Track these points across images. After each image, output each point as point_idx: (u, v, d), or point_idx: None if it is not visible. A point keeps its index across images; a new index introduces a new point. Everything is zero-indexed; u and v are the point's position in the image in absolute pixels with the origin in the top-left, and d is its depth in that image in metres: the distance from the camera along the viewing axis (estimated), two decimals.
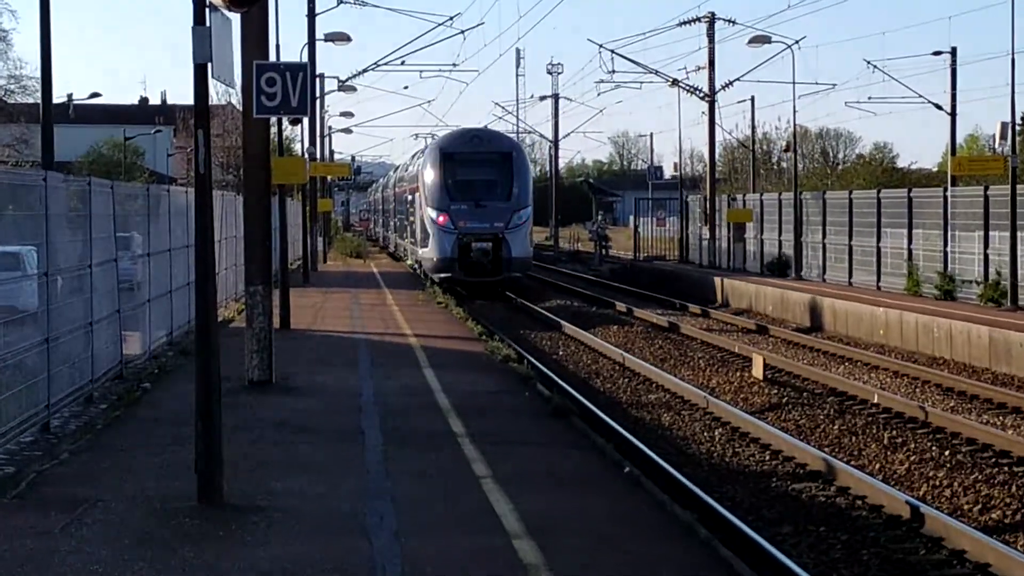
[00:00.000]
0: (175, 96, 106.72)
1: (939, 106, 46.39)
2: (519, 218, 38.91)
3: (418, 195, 42.11)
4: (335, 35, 44.61)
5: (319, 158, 55.02)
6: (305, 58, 42.42)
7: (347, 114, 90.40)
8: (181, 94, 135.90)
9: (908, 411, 18.34)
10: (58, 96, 43.66)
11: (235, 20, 15.29)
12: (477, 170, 39.76)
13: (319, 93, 54.48)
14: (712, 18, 48.99)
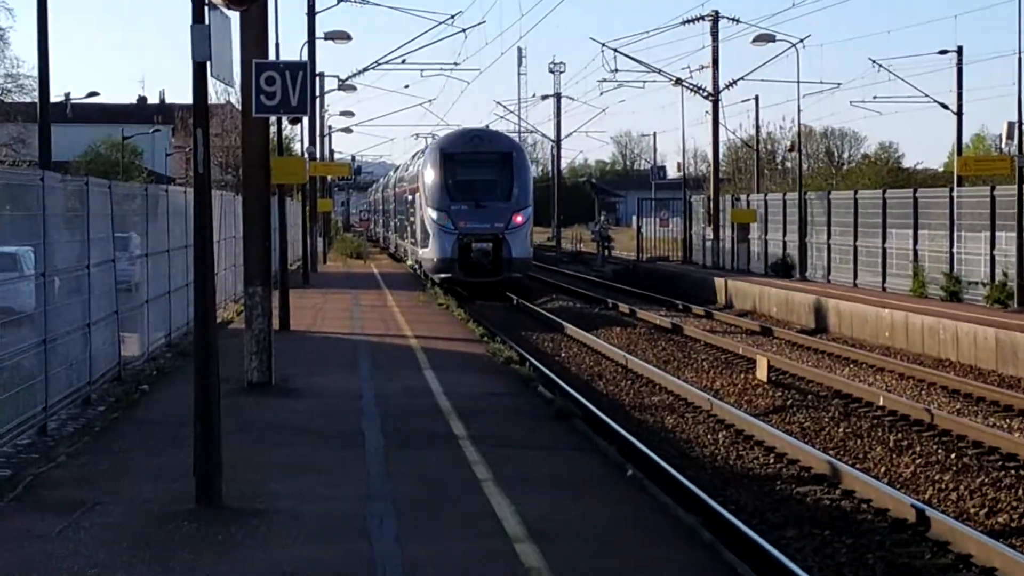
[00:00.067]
0: (174, 95, 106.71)
1: (945, 105, 46.31)
2: (519, 218, 38.85)
3: (418, 195, 42.07)
4: (335, 33, 44.49)
5: (319, 158, 54.92)
6: (305, 57, 42.32)
7: (347, 113, 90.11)
8: (180, 93, 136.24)
9: (914, 413, 18.23)
10: (55, 95, 43.43)
11: (234, 18, 15.23)
12: (477, 170, 39.74)
13: (319, 92, 54.41)
14: (716, 16, 48.88)
